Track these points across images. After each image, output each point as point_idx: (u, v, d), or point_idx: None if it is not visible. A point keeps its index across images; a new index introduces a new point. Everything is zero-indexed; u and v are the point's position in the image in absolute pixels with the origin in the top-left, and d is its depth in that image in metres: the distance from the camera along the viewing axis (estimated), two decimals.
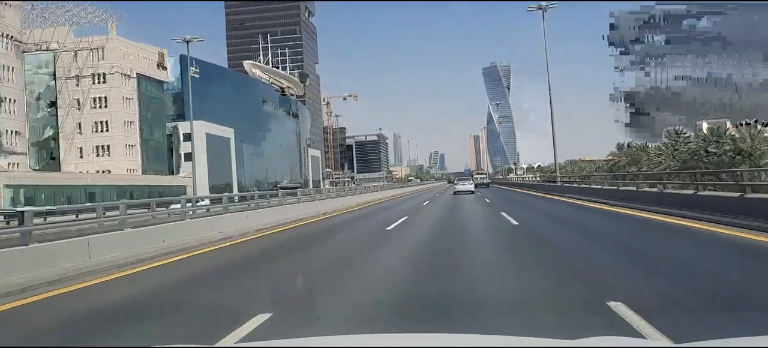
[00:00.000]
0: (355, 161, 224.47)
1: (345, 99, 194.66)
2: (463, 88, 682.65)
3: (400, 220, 16.63)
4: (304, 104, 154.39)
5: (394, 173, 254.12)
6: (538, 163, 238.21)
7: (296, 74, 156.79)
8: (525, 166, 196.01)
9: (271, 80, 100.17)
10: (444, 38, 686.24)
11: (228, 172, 77.01)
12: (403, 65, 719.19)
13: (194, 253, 10.93)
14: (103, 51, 52.36)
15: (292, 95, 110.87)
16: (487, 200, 28.29)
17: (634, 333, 3.80)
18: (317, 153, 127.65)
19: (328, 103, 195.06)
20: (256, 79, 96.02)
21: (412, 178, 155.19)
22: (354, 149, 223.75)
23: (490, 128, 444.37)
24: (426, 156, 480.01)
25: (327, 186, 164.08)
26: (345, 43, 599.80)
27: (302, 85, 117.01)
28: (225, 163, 76.20)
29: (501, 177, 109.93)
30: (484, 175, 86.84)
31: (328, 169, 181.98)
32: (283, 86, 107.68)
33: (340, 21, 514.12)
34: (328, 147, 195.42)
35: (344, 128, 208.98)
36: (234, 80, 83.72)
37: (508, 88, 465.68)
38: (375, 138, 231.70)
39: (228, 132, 77.10)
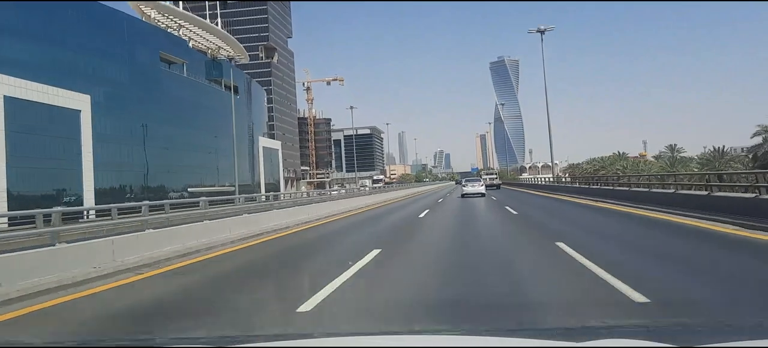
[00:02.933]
0: (343, 158, 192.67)
1: (329, 83, 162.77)
2: (468, 85, 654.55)
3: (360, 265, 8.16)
4: (267, 88, 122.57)
5: (393, 172, 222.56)
6: (555, 161, 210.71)
7: (261, 49, 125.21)
8: (558, 163, 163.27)
9: (182, 31, 67.55)
10: (448, 31, 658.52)
11: (74, 171, 45.30)
12: (406, 60, 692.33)
13: None
14: None
15: (229, 59, 78.36)
16: (512, 210, 20.26)
17: None
18: (276, 145, 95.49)
19: (308, 89, 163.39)
20: (152, 25, 63.01)
21: (390, 183, 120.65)
22: (342, 144, 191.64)
23: (498, 126, 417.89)
24: (431, 155, 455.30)
25: (303, 189, 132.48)
26: (342, 33, 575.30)
27: (244, 49, 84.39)
28: (66, 154, 44.54)
29: (529, 178, 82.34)
30: (494, 175, 72.76)
31: (304, 167, 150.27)
32: (211, 45, 75.16)
33: (335, 7, 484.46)
34: (308, 141, 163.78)
35: (329, 119, 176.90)
36: (97, 17, 50.83)
37: (517, 84, 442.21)
38: (367, 131, 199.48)
39: (74, 100, 45.34)
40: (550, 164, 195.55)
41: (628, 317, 4.82)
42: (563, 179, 63.57)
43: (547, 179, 61.32)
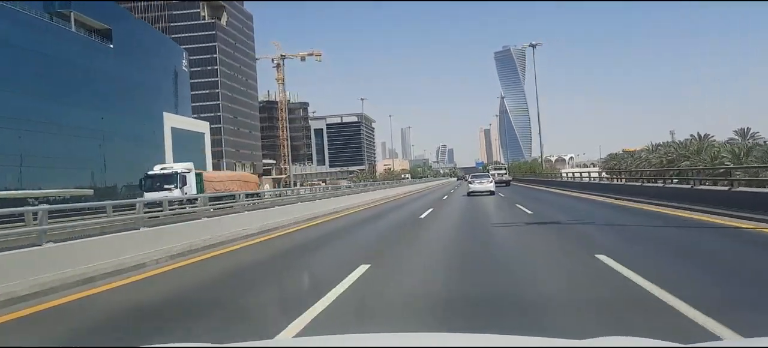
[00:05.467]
0: (326, 149, 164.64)
1: (303, 59, 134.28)
2: (472, 76, 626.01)
3: None
4: (211, 56, 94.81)
5: (386, 166, 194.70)
6: (569, 155, 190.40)
7: (204, 6, 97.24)
8: (573, 157, 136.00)
9: None
10: (450, 20, 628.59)
11: None
12: (407, 53, 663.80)
13: None
14: None
15: None
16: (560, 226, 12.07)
17: None
18: (200, 127, 67.74)
19: (278, 65, 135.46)
20: None
21: (348, 183, 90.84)
22: (325, 134, 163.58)
23: (503, 119, 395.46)
24: (433, 150, 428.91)
25: (265, 186, 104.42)
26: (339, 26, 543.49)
27: None
28: None
29: (549, 175, 56.17)
30: (504, 170, 63.26)
31: (270, 161, 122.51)
32: None
33: None
34: (280, 128, 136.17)
35: (306, 104, 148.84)
36: None
37: (524, 75, 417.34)
38: (354, 119, 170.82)
39: None
40: (564, 157, 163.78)
41: None
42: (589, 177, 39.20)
43: (577, 174, 36.66)
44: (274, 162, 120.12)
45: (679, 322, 4.05)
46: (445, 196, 29.52)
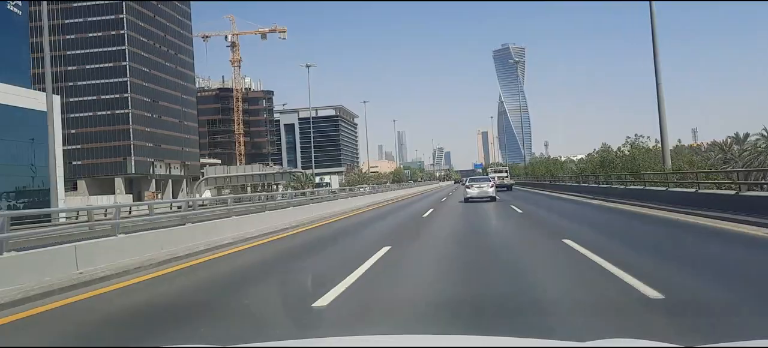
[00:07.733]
0: (298, 148, 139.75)
1: (264, 36, 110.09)
2: (468, 79, 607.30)
3: None
4: (114, 17, 70.56)
5: (374, 168, 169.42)
6: (580, 156, 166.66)
7: None
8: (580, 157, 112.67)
9: None
10: (447, 22, 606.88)
11: None
12: (402, 53, 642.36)
13: None
14: None
15: None
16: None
17: None
18: (38, 105, 42.57)
19: (233, 43, 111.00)
20: None
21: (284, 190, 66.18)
22: (297, 129, 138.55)
23: (502, 120, 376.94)
24: (429, 153, 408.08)
25: (205, 193, 79.09)
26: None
27: None
28: None
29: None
30: (505, 173, 59.84)
31: (212, 161, 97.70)
32: None
33: None
34: (236, 121, 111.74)
35: (271, 93, 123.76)
36: None
37: (524, 74, 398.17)
38: (332, 113, 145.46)
39: None
40: (574, 159, 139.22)
41: None
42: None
43: None
44: (219, 162, 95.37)
45: None
46: None
